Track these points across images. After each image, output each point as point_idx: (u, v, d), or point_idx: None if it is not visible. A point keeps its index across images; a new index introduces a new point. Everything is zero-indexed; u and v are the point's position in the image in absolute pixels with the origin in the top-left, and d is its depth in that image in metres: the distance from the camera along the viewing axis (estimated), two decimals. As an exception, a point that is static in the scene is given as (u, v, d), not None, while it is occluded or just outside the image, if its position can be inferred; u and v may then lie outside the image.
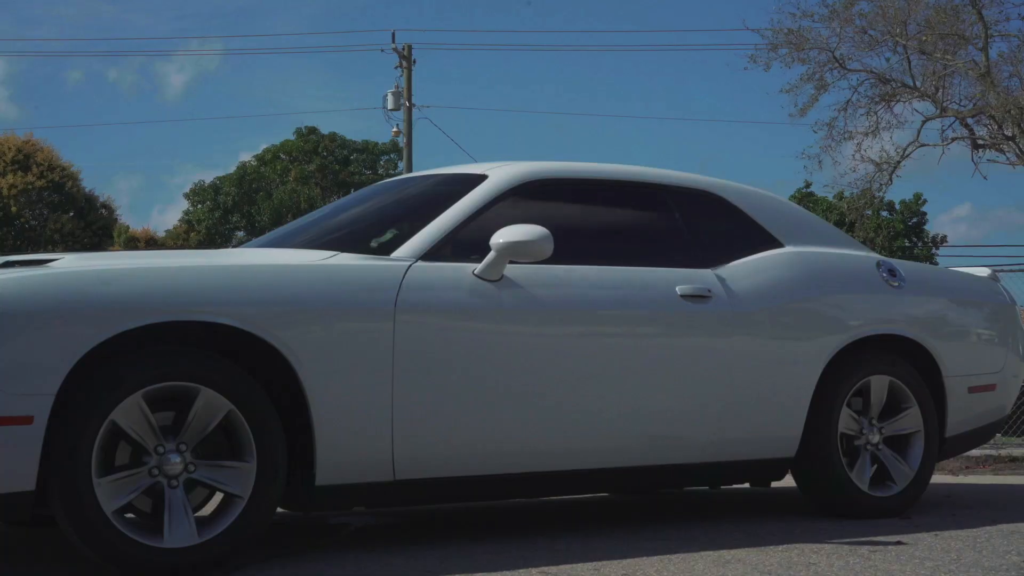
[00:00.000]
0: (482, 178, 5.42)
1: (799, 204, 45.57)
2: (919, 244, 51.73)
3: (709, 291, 5.45)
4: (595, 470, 5.26)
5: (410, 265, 4.91)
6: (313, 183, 51.65)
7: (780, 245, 5.92)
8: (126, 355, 4.35)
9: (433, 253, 5.01)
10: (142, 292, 4.38)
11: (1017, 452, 10.88)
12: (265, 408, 4.51)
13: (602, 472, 5.29)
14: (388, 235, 5.28)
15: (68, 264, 4.50)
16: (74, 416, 4.22)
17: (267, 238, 5.99)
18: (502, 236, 4.90)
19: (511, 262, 4.97)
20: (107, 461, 4.39)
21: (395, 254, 4.98)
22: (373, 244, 5.23)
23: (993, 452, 10.71)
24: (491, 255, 4.93)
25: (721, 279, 5.55)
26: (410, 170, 35.71)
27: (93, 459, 4.23)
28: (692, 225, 5.78)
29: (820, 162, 23.00)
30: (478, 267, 4.96)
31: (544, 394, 5.01)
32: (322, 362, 4.61)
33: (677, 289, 5.37)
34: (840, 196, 25.33)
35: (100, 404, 4.25)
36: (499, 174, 5.43)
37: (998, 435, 11.73)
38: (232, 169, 54.78)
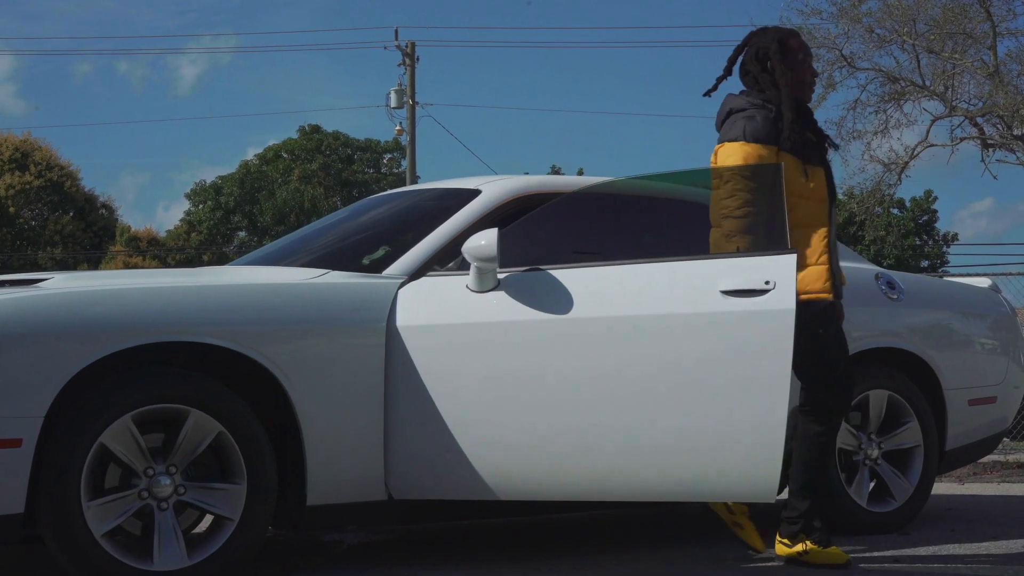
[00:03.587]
0: (475, 193, 5.36)
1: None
2: (930, 242, 51.59)
3: None
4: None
5: (402, 283, 4.87)
6: (316, 182, 51.62)
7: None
8: (115, 377, 4.33)
9: (426, 270, 4.96)
10: (131, 313, 4.36)
11: (1025, 458, 10.81)
12: (255, 430, 4.48)
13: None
14: (380, 252, 5.24)
15: (57, 284, 4.48)
16: (63, 439, 4.20)
17: (258, 254, 5.96)
18: (483, 239, 4.66)
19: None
20: (97, 483, 4.37)
21: (387, 271, 4.94)
22: (365, 261, 5.18)
23: (1000, 458, 10.63)
24: (472, 267, 4.74)
25: None
26: (413, 168, 35.69)
27: (82, 482, 4.22)
28: (688, 237, 5.70)
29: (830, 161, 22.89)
30: (468, 280, 4.82)
31: (542, 414, 4.71)
32: (313, 383, 4.57)
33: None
34: (850, 194, 25.27)
35: (89, 427, 4.23)
36: (492, 189, 5.38)
37: (1006, 440, 11.69)
38: (234, 168, 54.81)
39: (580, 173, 49.34)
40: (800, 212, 4.90)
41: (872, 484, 5.90)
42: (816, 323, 4.88)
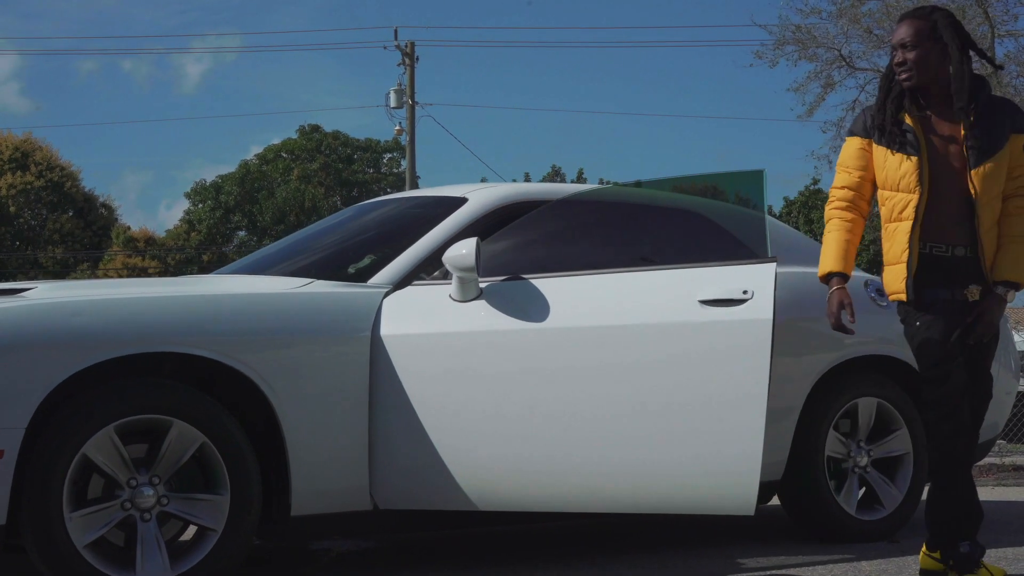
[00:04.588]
0: (462, 201, 5.35)
1: (806, 203, 44.67)
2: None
3: None
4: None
5: (387, 292, 4.86)
6: (316, 182, 51.58)
7: (766, 265, 5.82)
8: (98, 388, 4.31)
9: (411, 279, 4.95)
10: (115, 324, 4.34)
11: (1022, 461, 10.78)
12: (239, 440, 4.47)
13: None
14: (366, 261, 5.22)
15: (40, 294, 4.45)
16: (45, 450, 4.18)
17: (244, 263, 5.94)
18: (462, 249, 4.68)
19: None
20: (79, 494, 4.36)
21: (372, 280, 4.93)
22: (350, 270, 5.17)
23: (997, 461, 10.62)
24: (454, 276, 4.75)
25: None
26: (413, 168, 35.71)
27: (64, 493, 4.20)
28: (676, 245, 5.68)
29: (830, 162, 22.86)
30: (451, 290, 4.83)
31: (524, 424, 4.71)
32: (298, 393, 4.56)
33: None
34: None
35: (71, 438, 4.22)
36: (479, 197, 5.37)
37: (1002, 442, 11.67)
38: (236, 166, 54.76)
39: (580, 173, 49.41)
40: (888, 206, 4.68)
41: (861, 492, 5.88)
42: (903, 323, 4.75)
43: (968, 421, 4.67)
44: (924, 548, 4.81)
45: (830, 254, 4.72)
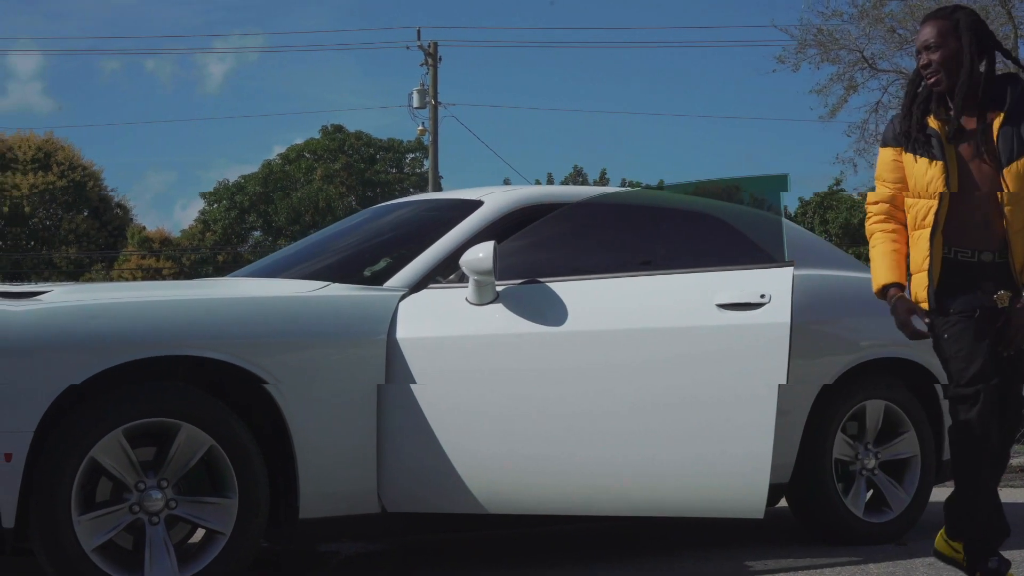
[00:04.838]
0: (477, 204, 5.36)
1: (821, 203, 44.35)
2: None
3: None
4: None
5: (403, 295, 4.87)
6: (339, 182, 51.61)
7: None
8: (106, 391, 4.33)
9: (427, 282, 4.96)
10: (129, 327, 4.37)
11: (1028, 462, 10.70)
12: (247, 444, 4.48)
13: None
14: (381, 264, 5.23)
15: (57, 297, 4.45)
16: (53, 453, 4.20)
17: (259, 265, 5.97)
18: (480, 252, 4.70)
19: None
20: (87, 498, 4.38)
21: (388, 284, 4.94)
22: (366, 273, 5.18)
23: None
24: (471, 280, 4.78)
25: None
26: (435, 168, 35.80)
27: (73, 496, 4.22)
28: (694, 248, 5.68)
29: (855, 166, 22.79)
30: (467, 293, 4.85)
31: (538, 428, 4.73)
32: (311, 397, 4.58)
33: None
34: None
35: (80, 441, 4.23)
36: (495, 200, 5.38)
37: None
38: (259, 166, 54.84)
39: (603, 174, 49.41)
40: (912, 214, 4.60)
41: (869, 494, 5.88)
42: (932, 335, 4.57)
43: (997, 447, 4.51)
44: (942, 532, 4.70)
45: (881, 267, 4.62)
